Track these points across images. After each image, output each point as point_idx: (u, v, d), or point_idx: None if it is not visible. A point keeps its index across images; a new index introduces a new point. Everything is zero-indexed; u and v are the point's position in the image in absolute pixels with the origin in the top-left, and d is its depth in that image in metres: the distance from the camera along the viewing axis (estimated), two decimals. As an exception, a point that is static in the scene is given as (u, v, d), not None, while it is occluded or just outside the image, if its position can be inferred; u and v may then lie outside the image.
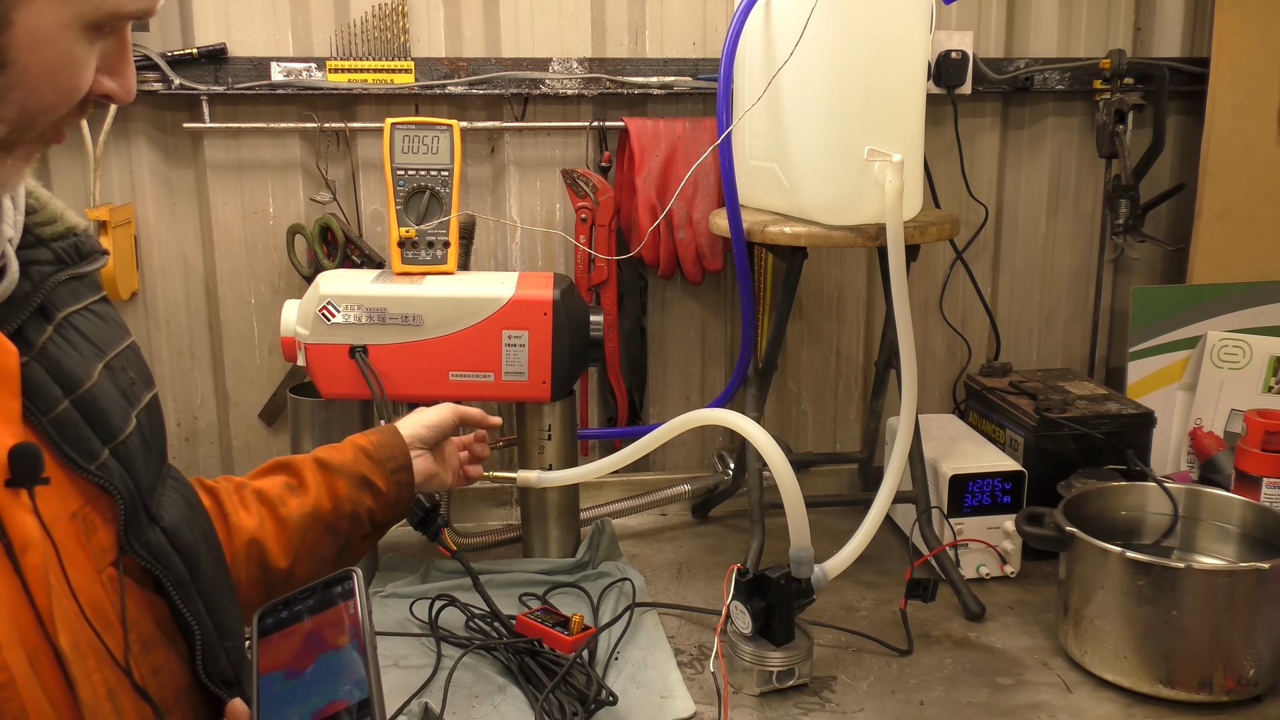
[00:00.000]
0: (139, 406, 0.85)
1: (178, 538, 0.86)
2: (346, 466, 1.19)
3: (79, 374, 0.79)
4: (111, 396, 0.81)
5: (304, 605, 0.78)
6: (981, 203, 2.12)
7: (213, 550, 0.93)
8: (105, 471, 0.78)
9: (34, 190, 0.81)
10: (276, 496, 1.12)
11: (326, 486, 1.16)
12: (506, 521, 1.98)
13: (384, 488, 1.21)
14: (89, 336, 0.82)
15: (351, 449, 1.22)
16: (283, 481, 1.14)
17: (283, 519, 1.10)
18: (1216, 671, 1.37)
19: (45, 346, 0.77)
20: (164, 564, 0.83)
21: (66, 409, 0.77)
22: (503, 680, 1.44)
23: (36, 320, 0.77)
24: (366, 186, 1.94)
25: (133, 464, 0.82)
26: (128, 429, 0.82)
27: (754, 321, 1.79)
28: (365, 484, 1.19)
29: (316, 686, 0.71)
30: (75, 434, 0.77)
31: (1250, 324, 2.04)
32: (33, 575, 0.70)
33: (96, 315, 0.85)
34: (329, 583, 0.78)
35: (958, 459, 1.75)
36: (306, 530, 1.12)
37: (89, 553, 0.76)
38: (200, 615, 0.85)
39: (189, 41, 1.85)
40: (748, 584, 1.42)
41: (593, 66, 1.92)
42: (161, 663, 0.81)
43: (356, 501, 1.18)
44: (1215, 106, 2.02)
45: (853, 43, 1.53)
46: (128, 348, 0.87)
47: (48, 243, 0.81)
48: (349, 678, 0.70)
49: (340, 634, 0.73)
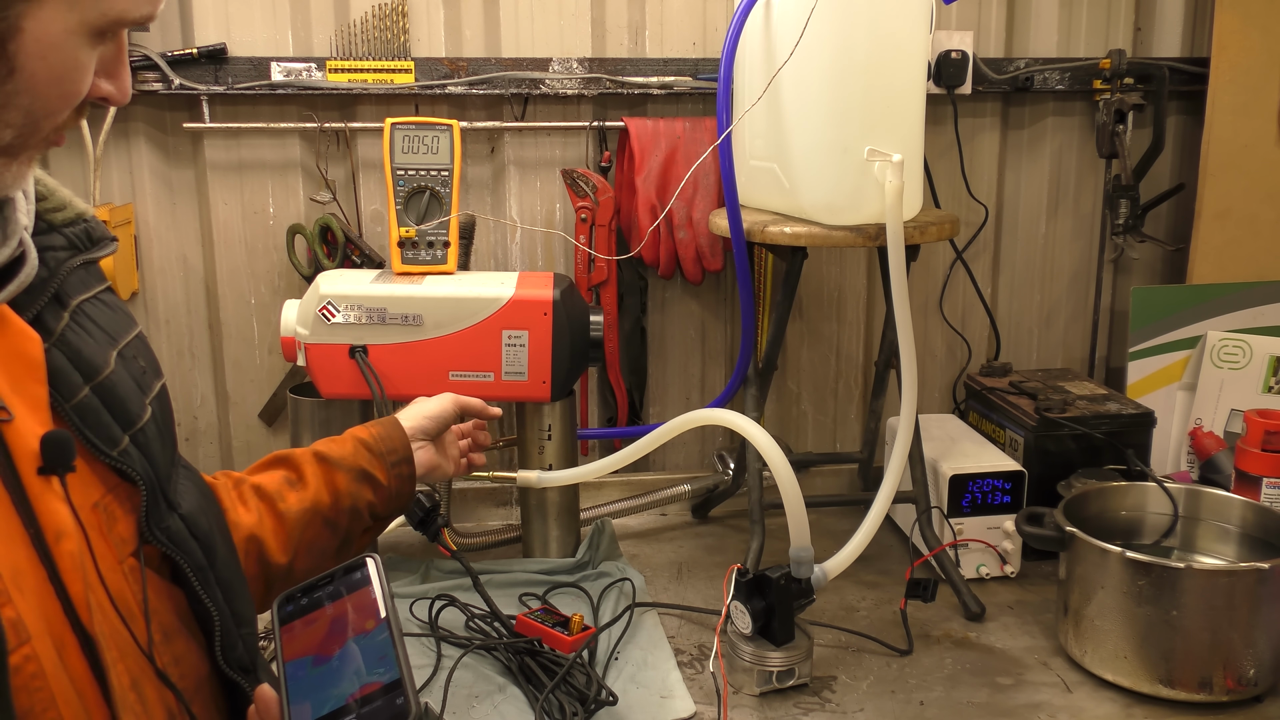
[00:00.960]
0: (151, 394, 0.86)
1: (195, 525, 0.86)
2: (346, 460, 1.17)
3: (98, 361, 0.79)
4: (127, 384, 0.82)
5: (324, 592, 0.78)
6: (981, 203, 2.12)
7: (226, 538, 0.94)
8: (127, 458, 0.79)
9: (41, 178, 0.82)
10: (275, 492, 1.11)
11: (326, 481, 1.14)
12: (506, 521, 1.98)
13: (385, 481, 1.20)
14: (101, 324, 0.82)
15: (351, 442, 1.21)
16: (282, 476, 1.13)
17: (281, 514, 1.09)
18: (1216, 671, 1.37)
19: (64, 333, 0.77)
20: (184, 550, 0.83)
21: (88, 396, 0.77)
22: (503, 680, 1.44)
23: (53, 307, 0.78)
24: (366, 186, 1.94)
25: (150, 451, 0.82)
26: (144, 416, 0.83)
27: (754, 321, 1.79)
28: (365, 478, 1.18)
29: (347, 670, 0.71)
30: (98, 421, 0.77)
31: (1250, 324, 2.03)
32: (67, 563, 0.71)
33: (105, 304, 0.85)
34: (348, 569, 0.79)
35: (958, 459, 1.75)
36: (306, 525, 1.11)
37: (110, 543, 0.77)
38: (219, 602, 0.86)
39: (189, 41, 1.85)
40: (748, 584, 1.42)
41: (593, 66, 1.92)
42: (182, 652, 0.81)
43: (356, 496, 1.16)
44: (1215, 106, 2.02)
45: (853, 43, 1.53)
46: (136, 337, 0.87)
47: (60, 228, 0.81)
48: (379, 660, 0.71)
49: (366, 618, 0.74)
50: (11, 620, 0.66)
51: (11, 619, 0.66)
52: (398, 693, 0.68)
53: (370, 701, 0.68)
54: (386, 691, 0.68)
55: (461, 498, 2.01)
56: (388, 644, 0.72)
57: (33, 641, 0.67)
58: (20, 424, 0.71)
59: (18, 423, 0.71)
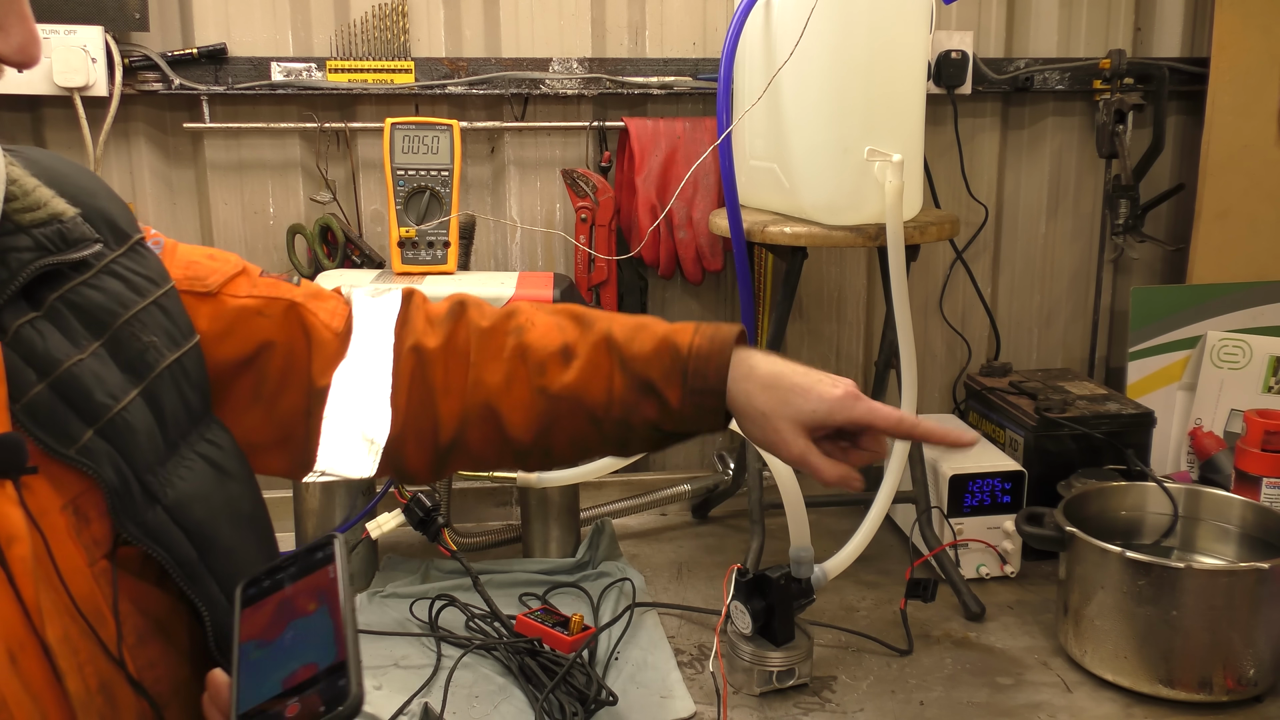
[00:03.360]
0: (153, 372, 0.81)
1: (184, 514, 0.80)
2: (636, 362, 0.96)
3: (57, 355, 0.75)
4: (99, 372, 0.77)
5: (285, 574, 0.75)
6: (981, 203, 2.12)
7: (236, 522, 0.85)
8: (87, 454, 0.74)
9: (18, 178, 0.78)
10: (540, 362, 0.96)
11: (604, 374, 0.96)
12: (506, 521, 1.98)
13: (675, 404, 0.96)
14: (90, 308, 0.78)
15: (654, 341, 0.97)
16: (560, 344, 0.97)
17: (539, 390, 0.95)
18: (1216, 671, 1.37)
19: (20, 331, 0.74)
20: (163, 544, 0.78)
21: (41, 392, 0.73)
22: (503, 680, 1.44)
23: (16, 305, 0.75)
24: (366, 186, 1.94)
25: (128, 440, 0.77)
26: (121, 401, 0.78)
27: (754, 321, 1.79)
28: (650, 391, 0.96)
29: (287, 652, 0.69)
30: (50, 418, 0.73)
31: (1250, 324, 2.03)
32: (18, 568, 0.69)
33: (114, 275, 0.81)
34: (310, 549, 0.76)
35: (958, 459, 1.75)
36: (565, 414, 0.96)
37: (80, 545, 0.74)
38: (209, 595, 0.80)
39: (189, 41, 1.85)
40: (748, 584, 1.42)
41: (593, 66, 1.92)
42: (158, 656, 0.79)
43: (631, 409, 0.96)
44: (1215, 106, 2.02)
45: (853, 43, 1.53)
46: (150, 304, 0.82)
47: (28, 229, 0.78)
48: (319, 642, 0.69)
49: (311, 601, 0.72)
50: None
51: None
52: (340, 674, 0.66)
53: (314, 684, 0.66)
54: (330, 674, 0.67)
55: (461, 498, 2.01)
56: (329, 626, 0.69)
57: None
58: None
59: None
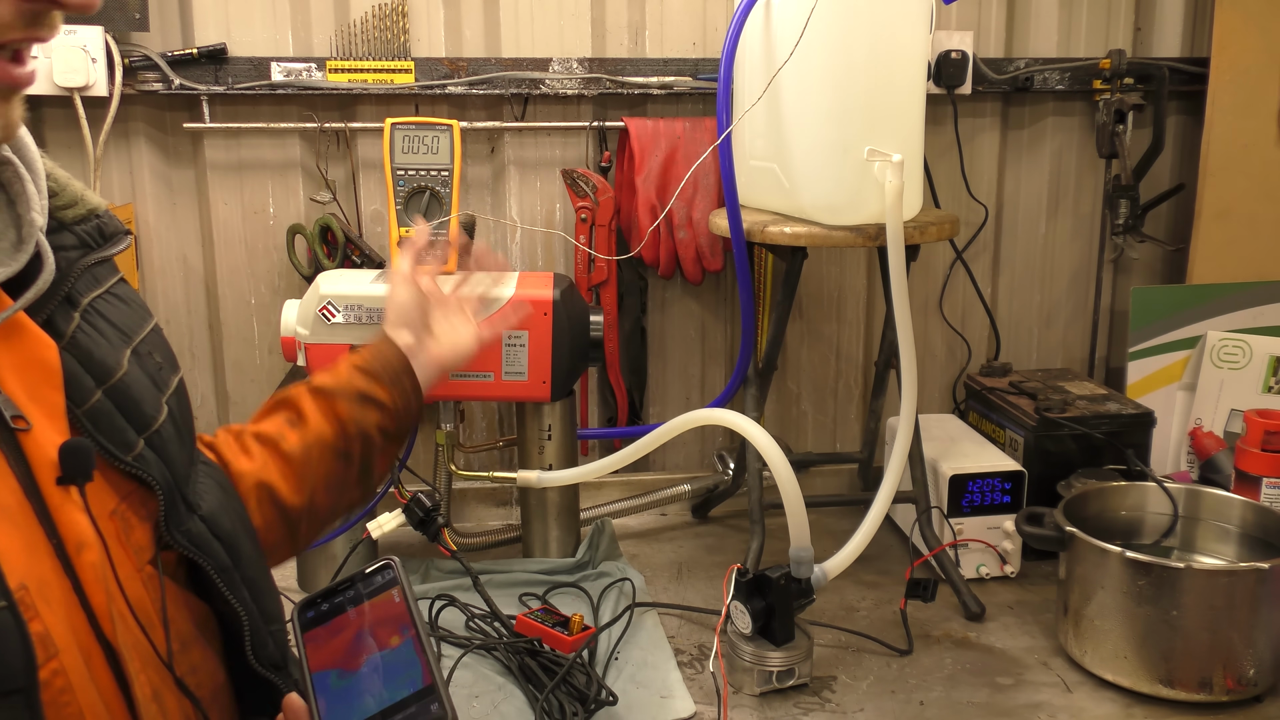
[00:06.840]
0: (168, 392, 0.83)
1: (217, 525, 0.84)
2: (343, 387, 1.11)
3: (110, 363, 0.76)
4: (142, 384, 0.79)
5: (345, 597, 0.76)
6: (981, 203, 2.11)
7: (250, 535, 0.91)
8: (142, 462, 0.76)
9: (52, 171, 0.79)
10: (276, 434, 1.06)
11: (327, 412, 1.08)
12: (506, 521, 1.98)
13: (388, 400, 1.12)
14: (114, 322, 0.79)
15: (346, 369, 1.14)
16: (282, 419, 1.08)
17: (286, 455, 1.04)
18: (1216, 671, 1.37)
19: (75, 336, 0.75)
20: (206, 552, 0.81)
21: (100, 400, 0.74)
22: (503, 680, 1.44)
23: (64, 309, 0.75)
24: (366, 186, 1.94)
25: (168, 452, 0.79)
26: (160, 417, 0.80)
27: (754, 321, 1.79)
28: (367, 400, 1.11)
29: (376, 682, 0.70)
30: (110, 426, 0.75)
31: (1250, 324, 2.04)
32: (89, 574, 0.69)
33: (119, 298, 0.82)
34: (368, 573, 0.77)
35: (958, 459, 1.75)
36: (315, 461, 1.06)
37: (128, 551, 0.75)
38: (246, 601, 0.83)
39: (189, 41, 1.85)
40: (748, 584, 1.42)
41: (593, 66, 1.92)
42: (199, 661, 0.80)
43: (362, 421, 1.10)
44: (1215, 106, 2.02)
45: (853, 43, 1.53)
46: (152, 330, 0.84)
47: (70, 226, 0.79)
48: (403, 669, 0.70)
49: (392, 627, 0.73)
50: (40, 634, 0.64)
51: (40, 633, 0.65)
52: (431, 698, 0.67)
53: (404, 708, 0.67)
54: (420, 698, 0.67)
55: (461, 498, 2.01)
56: (415, 651, 0.70)
57: (60, 655, 0.66)
58: (39, 433, 0.69)
59: (36, 432, 0.69)
